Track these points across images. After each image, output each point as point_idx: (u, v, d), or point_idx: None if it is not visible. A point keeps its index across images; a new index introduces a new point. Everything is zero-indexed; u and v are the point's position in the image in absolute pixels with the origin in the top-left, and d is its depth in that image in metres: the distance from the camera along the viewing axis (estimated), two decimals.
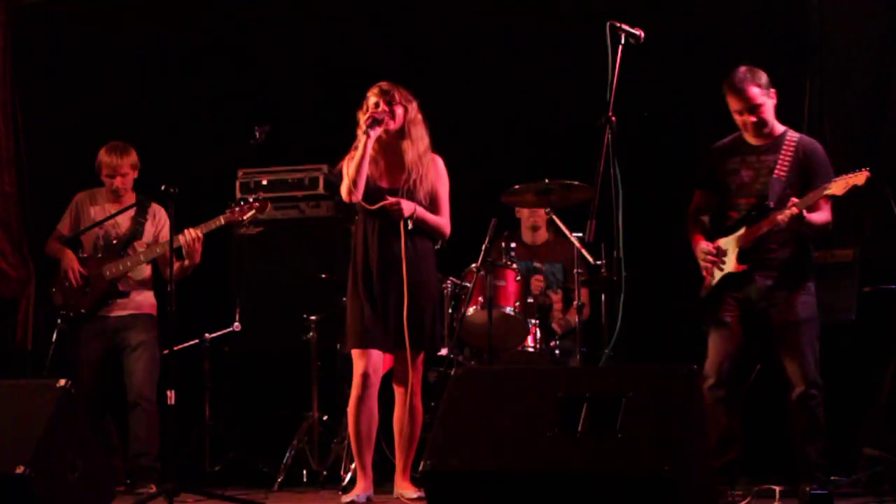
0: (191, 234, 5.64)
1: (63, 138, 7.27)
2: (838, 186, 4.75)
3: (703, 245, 5.10)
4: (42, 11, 7.39)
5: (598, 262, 5.84)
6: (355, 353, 5.18)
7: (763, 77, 4.98)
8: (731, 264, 4.99)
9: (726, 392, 4.99)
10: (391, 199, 5.13)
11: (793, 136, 5.05)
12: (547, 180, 5.70)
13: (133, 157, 6.11)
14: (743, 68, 4.99)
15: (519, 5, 7.15)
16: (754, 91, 4.95)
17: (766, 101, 4.99)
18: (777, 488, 4.91)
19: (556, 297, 6.45)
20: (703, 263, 5.10)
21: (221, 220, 5.63)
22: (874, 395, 5.84)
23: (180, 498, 4.97)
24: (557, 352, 6.14)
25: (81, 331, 5.98)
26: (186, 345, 6.61)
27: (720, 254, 5.03)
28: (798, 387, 4.90)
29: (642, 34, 4.69)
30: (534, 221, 6.57)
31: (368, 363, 5.14)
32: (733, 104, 5.02)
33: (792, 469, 4.91)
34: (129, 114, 7.28)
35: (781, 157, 4.98)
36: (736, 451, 5.00)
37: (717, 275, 5.03)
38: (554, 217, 5.83)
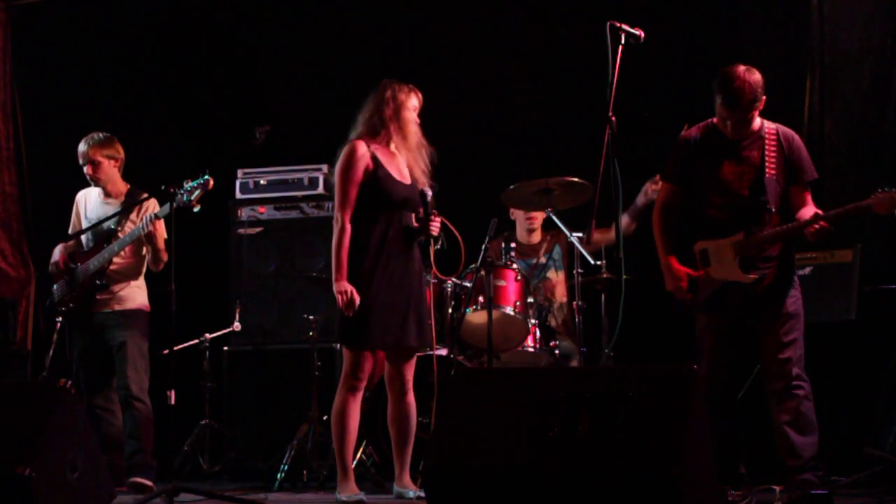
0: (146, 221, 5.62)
1: (63, 138, 7.26)
2: (883, 206, 4.54)
3: (676, 270, 4.88)
4: (42, 11, 7.39)
5: (598, 263, 5.85)
6: (347, 352, 5.17)
7: (761, 81, 4.76)
8: (734, 273, 4.81)
9: (723, 400, 4.87)
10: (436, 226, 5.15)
11: (769, 127, 4.86)
12: (547, 180, 5.70)
13: (108, 147, 5.96)
14: (743, 67, 4.73)
15: (519, 5, 7.16)
16: (753, 96, 4.71)
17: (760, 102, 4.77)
18: (777, 488, 4.89)
19: (559, 279, 6.42)
20: (673, 290, 4.90)
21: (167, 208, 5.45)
22: (874, 395, 5.84)
23: (180, 498, 4.97)
24: (557, 352, 6.14)
25: (72, 326, 5.96)
26: (186, 345, 6.62)
27: (703, 258, 4.87)
28: (781, 380, 4.75)
29: (642, 34, 4.68)
30: (529, 224, 6.54)
31: (362, 363, 5.14)
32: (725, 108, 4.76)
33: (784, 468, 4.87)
34: (130, 114, 7.28)
35: (767, 153, 4.80)
36: (738, 461, 4.97)
37: (718, 278, 4.84)
38: (554, 217, 5.83)
